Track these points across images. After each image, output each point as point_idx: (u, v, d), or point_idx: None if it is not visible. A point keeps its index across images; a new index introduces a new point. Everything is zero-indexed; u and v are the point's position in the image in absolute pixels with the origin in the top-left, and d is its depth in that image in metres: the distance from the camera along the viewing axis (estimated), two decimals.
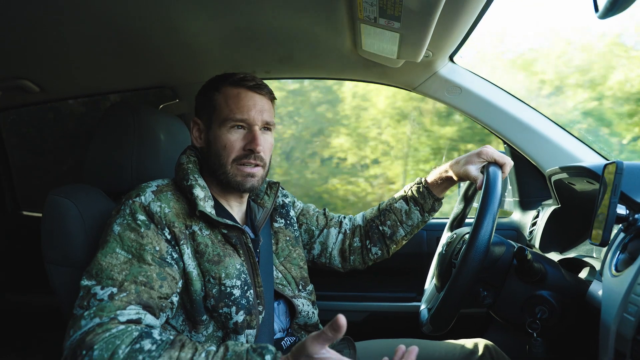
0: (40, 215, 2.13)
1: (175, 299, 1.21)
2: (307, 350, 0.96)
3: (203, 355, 1.03)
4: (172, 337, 1.07)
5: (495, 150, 1.43)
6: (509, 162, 1.41)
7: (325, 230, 1.67)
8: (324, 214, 1.71)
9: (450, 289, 1.16)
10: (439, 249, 1.57)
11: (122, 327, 1.05)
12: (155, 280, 1.15)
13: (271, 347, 1.04)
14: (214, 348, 1.06)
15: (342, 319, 0.92)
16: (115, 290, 1.10)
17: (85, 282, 1.13)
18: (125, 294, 1.10)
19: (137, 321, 1.08)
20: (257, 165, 1.36)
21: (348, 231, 1.68)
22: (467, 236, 1.20)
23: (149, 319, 1.11)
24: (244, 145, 1.34)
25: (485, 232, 1.13)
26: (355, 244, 1.65)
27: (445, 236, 1.57)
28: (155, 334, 1.06)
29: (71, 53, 1.78)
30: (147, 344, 1.02)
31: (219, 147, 1.34)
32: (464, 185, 1.63)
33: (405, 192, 1.62)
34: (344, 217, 1.72)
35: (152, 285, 1.15)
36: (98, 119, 1.56)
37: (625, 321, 0.88)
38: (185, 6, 1.45)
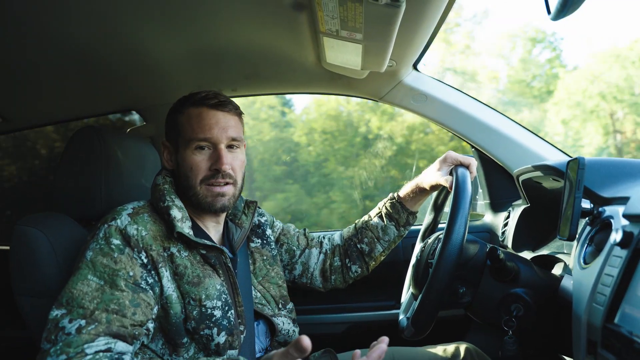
0: (7, 248, 2.07)
1: (150, 325, 1.19)
2: None
3: None
4: None
5: (458, 154, 1.48)
6: (473, 162, 1.45)
7: (306, 251, 1.67)
8: (304, 234, 1.71)
9: (429, 287, 1.17)
10: (413, 260, 1.58)
11: (89, 357, 1.02)
12: (128, 308, 1.13)
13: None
14: None
15: (305, 341, 0.93)
16: (83, 322, 1.07)
17: (53, 314, 1.10)
18: (93, 326, 1.07)
19: (107, 350, 1.06)
20: (227, 183, 1.35)
21: (328, 251, 1.69)
22: (441, 236, 1.22)
23: (119, 346, 1.09)
24: (210, 165, 1.33)
25: (459, 226, 1.15)
26: (336, 264, 1.66)
27: (418, 246, 1.59)
28: (127, 358, 1.05)
29: (34, 81, 1.76)
30: None
31: (187, 169, 1.33)
32: (433, 196, 1.66)
33: (379, 208, 1.64)
34: (324, 237, 1.73)
35: (125, 312, 1.12)
36: (64, 146, 1.54)
37: (595, 310, 0.90)
38: (146, 28, 1.46)
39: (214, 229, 1.43)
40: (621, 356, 0.78)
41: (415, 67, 1.94)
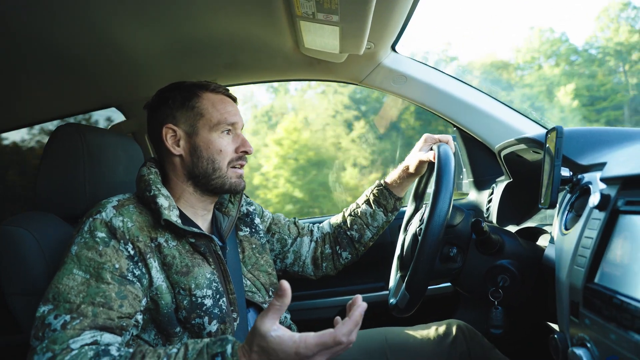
0: None
1: (139, 317, 1.18)
2: (259, 330, 0.96)
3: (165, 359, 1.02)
4: (131, 351, 1.05)
5: (434, 135, 1.54)
6: (450, 138, 1.50)
7: (298, 239, 1.69)
8: (295, 223, 1.73)
9: (420, 250, 1.17)
10: (397, 250, 1.61)
11: (75, 352, 1.02)
12: (115, 300, 1.12)
13: (230, 337, 1.03)
14: (175, 350, 1.04)
15: (285, 283, 0.95)
16: (68, 318, 1.06)
17: (40, 310, 1.09)
18: (79, 321, 1.06)
19: (93, 343, 1.05)
20: (242, 166, 1.42)
21: (319, 239, 1.71)
22: (427, 208, 1.23)
23: (106, 338, 1.08)
24: (236, 148, 1.39)
25: (446, 191, 1.17)
26: (327, 251, 1.68)
27: (401, 237, 1.61)
28: (113, 350, 1.04)
29: (9, 82, 1.74)
30: None
31: (213, 151, 1.35)
32: (413, 187, 1.68)
33: (367, 195, 1.67)
34: (313, 225, 1.75)
35: (111, 305, 1.11)
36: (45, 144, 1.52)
37: (576, 272, 0.92)
38: (121, 21, 1.44)
39: (202, 218, 1.43)
40: (602, 312, 0.80)
41: (393, 48, 1.95)
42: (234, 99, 1.46)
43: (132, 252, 1.20)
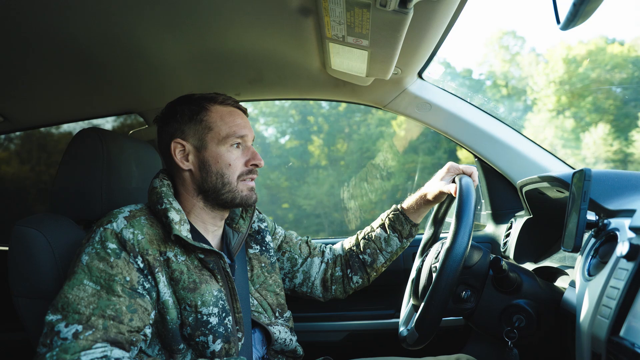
0: (6, 248, 2.06)
1: (148, 330, 1.17)
2: None
3: None
4: None
5: (459, 164, 1.50)
6: (475, 171, 1.47)
7: (308, 260, 1.66)
8: (307, 242, 1.70)
9: (434, 289, 1.15)
10: (412, 274, 1.58)
11: None
12: (125, 314, 1.11)
13: None
14: None
15: None
16: (80, 328, 1.05)
17: (49, 317, 1.08)
18: (91, 332, 1.05)
19: (103, 358, 1.04)
20: (253, 179, 1.40)
21: (330, 261, 1.68)
22: (445, 242, 1.21)
23: (116, 353, 1.07)
24: (245, 161, 1.37)
25: (465, 229, 1.14)
26: (337, 274, 1.65)
27: (418, 261, 1.58)
28: None
29: (35, 82, 1.76)
30: None
31: (222, 165, 1.33)
32: (433, 211, 1.66)
33: (382, 220, 1.64)
34: (326, 247, 1.72)
35: (122, 319, 1.10)
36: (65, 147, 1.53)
37: (600, 323, 0.89)
38: (150, 30, 1.45)
39: (213, 234, 1.41)
40: None
41: (420, 75, 1.94)
42: (244, 111, 1.44)
43: (141, 265, 1.19)
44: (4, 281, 1.34)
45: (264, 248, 1.56)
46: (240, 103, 1.44)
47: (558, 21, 0.86)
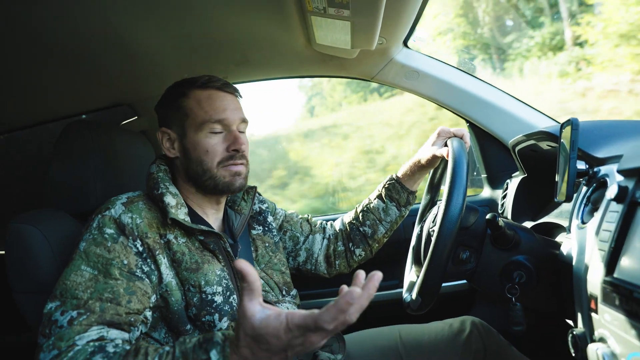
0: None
1: (148, 313, 1.17)
2: (242, 317, 0.88)
3: (156, 358, 0.98)
4: (127, 348, 1.02)
5: (450, 128, 1.49)
6: (466, 133, 1.46)
7: (310, 237, 1.67)
8: (308, 220, 1.71)
9: (433, 253, 1.16)
10: (413, 242, 1.59)
11: (79, 347, 1.01)
12: (123, 296, 1.11)
13: (218, 338, 0.95)
14: (167, 349, 1.00)
15: (238, 263, 0.85)
16: (75, 314, 1.05)
17: (48, 307, 1.08)
18: (85, 316, 1.05)
19: (99, 339, 1.04)
20: (242, 164, 1.36)
21: (332, 236, 1.69)
22: (441, 205, 1.22)
23: (113, 334, 1.07)
24: (227, 146, 1.33)
25: (459, 190, 1.14)
26: (340, 248, 1.66)
27: (417, 228, 1.59)
28: (110, 347, 1.01)
29: (19, 81, 1.74)
30: (97, 359, 0.99)
31: (200, 153, 1.32)
32: (429, 177, 1.66)
33: (379, 190, 1.65)
34: (326, 223, 1.73)
35: (119, 301, 1.10)
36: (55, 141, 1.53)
37: (594, 266, 0.90)
38: (132, 20, 1.44)
39: (213, 216, 1.42)
40: (622, 308, 0.78)
41: (405, 43, 1.93)
42: (232, 92, 1.40)
43: (140, 249, 1.19)
44: (5, 282, 1.34)
45: (266, 228, 1.57)
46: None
47: None
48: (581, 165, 1.11)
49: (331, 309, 0.82)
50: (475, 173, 2.32)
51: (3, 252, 1.35)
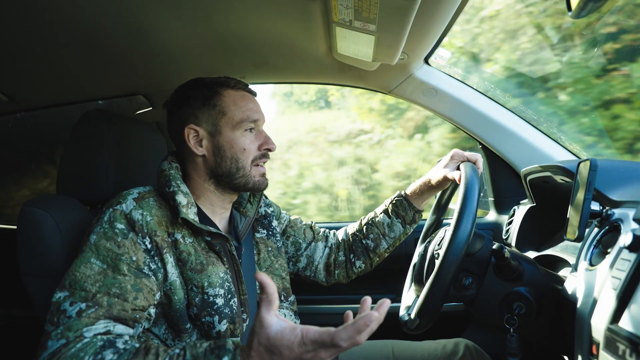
0: (14, 227, 2.08)
1: (152, 310, 1.18)
2: (264, 329, 0.92)
3: (167, 359, 1.00)
4: (137, 345, 1.04)
5: (463, 151, 1.48)
6: (479, 158, 1.46)
7: (312, 244, 1.67)
8: (311, 227, 1.71)
9: (436, 276, 1.16)
10: (415, 260, 1.58)
11: (87, 339, 1.02)
12: (130, 292, 1.12)
13: (230, 346, 0.98)
14: (177, 351, 1.02)
15: (259, 275, 0.91)
16: (84, 305, 1.07)
17: (57, 296, 1.10)
18: (94, 309, 1.07)
19: (106, 333, 1.06)
20: (265, 163, 1.41)
21: (334, 245, 1.69)
22: (448, 228, 1.21)
23: (119, 329, 1.09)
24: (258, 145, 1.38)
25: (468, 217, 1.14)
26: (340, 258, 1.66)
27: (420, 247, 1.59)
28: (119, 343, 1.04)
29: (40, 62, 1.74)
30: (108, 354, 1.00)
31: (237, 150, 1.34)
32: (436, 197, 1.65)
33: (386, 205, 1.64)
34: (329, 231, 1.73)
35: (126, 297, 1.11)
36: (71, 128, 1.53)
37: (600, 312, 0.90)
38: (156, 11, 1.44)
39: (220, 217, 1.42)
40: (624, 358, 0.78)
41: (426, 60, 1.93)
42: (255, 94, 1.44)
43: (149, 246, 1.20)
44: (11, 260, 1.35)
45: (270, 232, 1.57)
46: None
47: (569, 9, 0.86)
48: (595, 207, 1.10)
49: (349, 328, 0.89)
50: (482, 194, 2.31)
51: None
